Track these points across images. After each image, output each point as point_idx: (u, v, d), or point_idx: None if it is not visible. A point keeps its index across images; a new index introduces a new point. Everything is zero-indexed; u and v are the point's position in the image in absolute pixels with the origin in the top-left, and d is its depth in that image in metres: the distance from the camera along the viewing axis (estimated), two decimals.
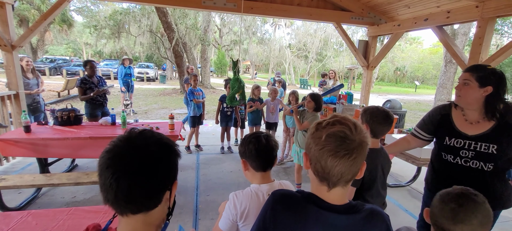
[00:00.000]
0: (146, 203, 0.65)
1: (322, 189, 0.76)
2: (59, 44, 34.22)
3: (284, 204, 0.77)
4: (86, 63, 3.95)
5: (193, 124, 4.70)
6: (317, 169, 0.74)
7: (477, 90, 1.46)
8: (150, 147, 0.64)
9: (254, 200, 1.17)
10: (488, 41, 3.23)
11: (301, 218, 0.74)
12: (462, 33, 10.54)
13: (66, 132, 3.02)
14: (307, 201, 0.76)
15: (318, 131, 0.74)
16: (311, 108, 3.19)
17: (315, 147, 0.72)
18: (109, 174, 0.60)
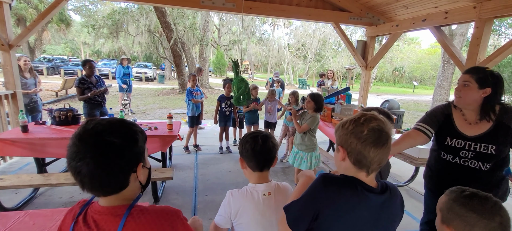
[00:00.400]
0: (111, 189, 0.74)
1: (360, 175, 0.88)
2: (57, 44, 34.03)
3: (338, 186, 0.86)
4: (85, 62, 3.93)
5: (192, 124, 4.70)
6: (359, 159, 0.85)
7: (477, 92, 1.50)
8: (102, 137, 0.69)
9: (249, 199, 1.18)
10: (485, 42, 3.25)
11: (352, 198, 0.85)
12: (460, 33, 10.58)
13: (63, 131, 3.01)
14: (355, 183, 0.86)
15: (358, 126, 0.85)
16: (311, 108, 3.11)
17: (356, 141, 0.84)
18: (71, 169, 0.69)
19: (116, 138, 0.70)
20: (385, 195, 0.89)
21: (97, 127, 0.70)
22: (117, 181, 0.73)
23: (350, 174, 0.89)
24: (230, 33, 25.95)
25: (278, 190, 1.24)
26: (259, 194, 1.18)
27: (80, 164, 0.67)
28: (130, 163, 0.74)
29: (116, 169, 0.71)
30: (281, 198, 1.22)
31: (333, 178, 0.89)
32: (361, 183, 0.87)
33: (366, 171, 0.87)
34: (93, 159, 0.67)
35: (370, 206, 0.86)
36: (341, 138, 0.90)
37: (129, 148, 0.73)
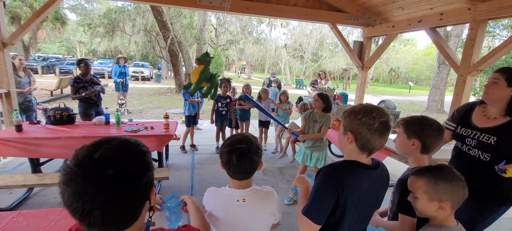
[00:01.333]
0: (127, 225, 0.62)
1: (361, 157, 1.08)
2: (52, 42, 33.75)
3: (347, 171, 1.06)
4: (80, 61, 3.90)
5: (188, 123, 4.69)
6: (364, 144, 1.04)
7: (505, 89, 1.61)
8: (114, 170, 0.56)
9: (222, 202, 1.16)
10: (480, 43, 3.29)
11: (357, 176, 1.07)
12: (455, 35, 10.70)
13: (58, 131, 2.98)
14: (357, 166, 1.07)
15: (370, 119, 1.02)
16: (319, 107, 3.06)
17: (367, 131, 1.02)
18: (74, 211, 0.54)
19: (131, 167, 0.59)
20: (378, 170, 1.13)
21: (106, 156, 0.57)
22: (134, 214, 0.62)
23: (353, 156, 1.09)
24: (227, 33, 25.91)
25: (257, 196, 1.17)
26: (233, 199, 1.14)
27: (88, 205, 0.53)
28: (147, 191, 0.63)
29: (134, 203, 0.60)
30: (260, 206, 1.16)
31: (342, 166, 1.07)
32: (360, 164, 1.08)
33: (367, 154, 1.07)
34: (107, 198, 0.54)
35: (370, 179, 1.09)
36: (352, 125, 1.05)
37: (145, 174, 0.62)
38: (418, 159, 1.34)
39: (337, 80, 28.88)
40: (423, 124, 1.31)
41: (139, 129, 3.22)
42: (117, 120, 3.29)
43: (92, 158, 0.56)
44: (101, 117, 3.48)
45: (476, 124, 1.74)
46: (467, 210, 1.80)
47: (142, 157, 0.64)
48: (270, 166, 4.32)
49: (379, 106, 1.07)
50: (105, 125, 3.39)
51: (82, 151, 0.58)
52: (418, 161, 1.34)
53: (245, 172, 1.13)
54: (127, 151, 0.61)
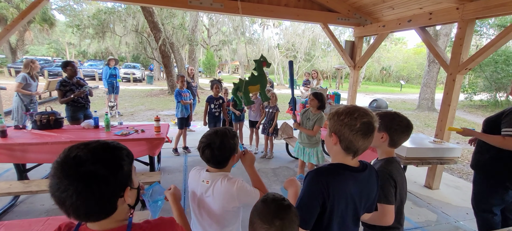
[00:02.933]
0: (98, 216, 0.72)
1: (347, 158, 1.08)
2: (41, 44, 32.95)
3: (332, 175, 1.05)
4: (66, 64, 3.80)
5: (181, 126, 4.63)
6: (348, 146, 1.03)
7: None
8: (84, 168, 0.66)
9: (195, 178, 1.35)
10: (468, 42, 3.34)
11: (343, 179, 1.05)
12: (444, 34, 10.87)
13: (45, 136, 2.89)
14: (342, 169, 1.07)
15: (352, 119, 1.01)
16: (315, 106, 3.20)
17: (349, 132, 1.01)
18: (55, 199, 0.67)
19: (100, 168, 0.68)
20: (365, 172, 1.11)
21: (79, 156, 0.67)
22: (103, 209, 0.71)
23: (339, 158, 1.09)
24: (220, 33, 25.79)
25: (220, 182, 1.27)
26: (200, 179, 1.32)
27: (63, 195, 0.65)
28: (116, 190, 0.72)
29: (101, 199, 0.69)
30: (220, 190, 1.26)
31: (328, 170, 1.07)
32: (346, 166, 1.07)
33: (352, 155, 1.07)
34: (76, 191, 0.65)
35: (357, 181, 1.08)
36: (335, 126, 1.05)
37: (114, 175, 0.70)
38: (387, 151, 1.42)
39: (330, 80, 29.08)
40: (393, 119, 1.39)
41: (129, 133, 3.15)
42: (106, 123, 3.21)
43: (69, 157, 0.67)
44: (90, 120, 3.40)
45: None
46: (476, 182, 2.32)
47: (115, 160, 0.72)
48: (264, 167, 4.30)
49: (363, 107, 1.07)
50: (94, 129, 3.31)
51: (65, 150, 0.70)
52: (387, 153, 1.42)
53: (211, 162, 1.28)
54: (100, 153, 0.70)
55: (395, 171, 1.37)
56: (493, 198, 2.13)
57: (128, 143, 3.02)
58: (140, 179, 2.75)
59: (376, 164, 1.45)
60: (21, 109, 4.48)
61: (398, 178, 1.36)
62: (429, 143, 2.95)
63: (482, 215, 2.24)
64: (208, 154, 1.25)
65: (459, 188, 3.90)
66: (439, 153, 2.75)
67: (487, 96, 14.13)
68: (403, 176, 1.42)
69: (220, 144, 1.24)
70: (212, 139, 1.25)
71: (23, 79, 4.44)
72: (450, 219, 3.05)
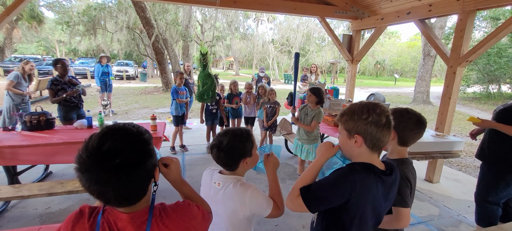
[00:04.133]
0: (135, 199, 0.75)
1: (374, 157, 1.03)
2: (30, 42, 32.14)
3: (363, 175, 0.99)
4: (57, 62, 3.64)
5: (176, 123, 4.52)
6: (375, 143, 0.99)
7: None
8: (123, 160, 0.67)
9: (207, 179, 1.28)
10: (469, 34, 3.30)
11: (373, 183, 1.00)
12: (438, 26, 10.90)
13: (36, 137, 2.76)
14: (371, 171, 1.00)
15: (377, 116, 0.97)
16: (313, 102, 3.16)
17: (377, 129, 0.97)
18: (93, 192, 0.68)
19: (136, 156, 0.70)
20: (393, 176, 1.06)
21: (113, 148, 0.67)
22: (142, 192, 0.75)
23: (364, 158, 1.02)
24: (214, 29, 25.48)
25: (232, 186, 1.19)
26: (212, 180, 1.25)
27: (105, 189, 0.68)
28: (151, 172, 0.76)
29: (141, 184, 0.73)
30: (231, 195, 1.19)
31: (357, 168, 1.00)
32: (376, 168, 1.01)
33: (378, 152, 1.03)
34: (119, 183, 0.67)
35: (384, 186, 1.03)
36: (358, 127, 0.99)
37: (148, 159, 0.73)
38: (399, 151, 1.33)
39: (325, 74, 29.10)
40: (401, 115, 1.30)
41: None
42: (100, 123, 3.10)
43: (101, 150, 0.67)
44: (83, 120, 3.27)
45: None
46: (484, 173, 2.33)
47: (144, 146, 0.74)
48: None
49: (377, 102, 1.03)
50: (88, 129, 3.18)
51: (91, 143, 0.68)
52: (399, 153, 1.34)
53: (221, 164, 1.21)
54: (130, 142, 0.71)
55: (410, 173, 1.30)
56: (505, 190, 2.11)
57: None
58: None
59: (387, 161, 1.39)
60: (12, 109, 4.32)
61: (412, 181, 1.31)
62: (432, 137, 2.92)
63: (487, 206, 2.21)
64: (215, 154, 1.19)
65: (459, 181, 3.90)
66: (442, 147, 2.72)
67: (480, 88, 14.30)
68: (415, 176, 1.36)
69: (227, 145, 1.16)
70: (221, 139, 1.18)
71: (16, 77, 4.31)
72: (452, 213, 3.03)
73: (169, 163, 0.94)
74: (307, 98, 3.20)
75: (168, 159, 0.95)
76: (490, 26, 15.66)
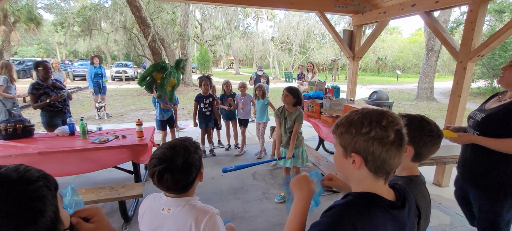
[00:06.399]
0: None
1: (379, 183, 0.77)
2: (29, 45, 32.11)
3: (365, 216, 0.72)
4: (38, 64, 3.42)
5: (162, 127, 4.26)
6: (379, 166, 0.74)
7: None
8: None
9: (151, 206, 1.05)
10: (480, 26, 3.04)
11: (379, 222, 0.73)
12: (442, 21, 10.57)
13: (10, 147, 2.55)
14: (376, 205, 0.74)
15: (382, 131, 0.72)
16: (289, 103, 2.81)
17: (381, 148, 0.72)
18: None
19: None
20: (406, 208, 0.81)
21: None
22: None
23: (366, 184, 0.77)
24: (213, 28, 25.27)
25: (186, 210, 0.98)
26: (159, 207, 1.02)
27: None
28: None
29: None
30: (186, 222, 0.97)
31: (355, 205, 0.74)
32: (381, 200, 0.76)
33: (385, 178, 0.77)
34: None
35: (396, 224, 0.77)
36: (358, 143, 0.74)
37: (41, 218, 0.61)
38: (409, 168, 1.10)
39: (326, 72, 28.79)
40: (422, 128, 1.06)
41: (108, 139, 2.81)
42: (82, 130, 2.87)
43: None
44: (65, 127, 3.05)
45: (484, 107, 1.73)
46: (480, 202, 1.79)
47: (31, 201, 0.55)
48: (261, 169, 4.00)
49: (385, 109, 0.77)
50: (69, 136, 2.96)
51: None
52: (409, 169, 1.10)
53: (171, 189, 0.99)
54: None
55: (420, 195, 1.05)
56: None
57: (107, 151, 2.69)
58: (120, 192, 2.44)
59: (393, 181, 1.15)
60: (4, 114, 4.14)
61: (422, 205, 1.05)
62: None
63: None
64: (169, 180, 0.94)
65: None
66: (454, 151, 2.47)
67: (484, 83, 13.97)
68: (428, 200, 1.11)
69: (184, 163, 0.95)
70: (171, 159, 0.95)
71: (5, 81, 4.11)
72: (464, 221, 2.77)
73: (91, 216, 0.69)
74: (283, 99, 2.86)
75: (89, 210, 0.70)
76: (495, 19, 15.30)
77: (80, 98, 10.73)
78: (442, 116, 8.39)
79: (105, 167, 2.79)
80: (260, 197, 3.18)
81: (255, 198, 3.16)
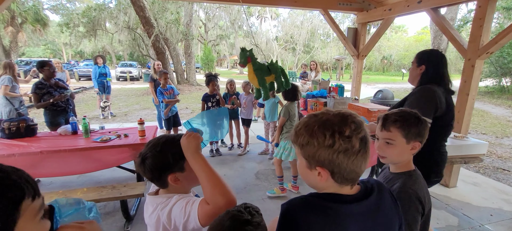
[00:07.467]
0: None
1: (344, 189, 0.73)
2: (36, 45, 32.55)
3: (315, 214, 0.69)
4: (43, 64, 3.44)
5: (168, 126, 4.26)
6: (346, 176, 0.69)
7: (415, 69, 1.85)
8: None
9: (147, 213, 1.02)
10: (489, 23, 2.96)
11: (335, 220, 0.69)
12: (449, 18, 10.41)
13: (13, 146, 2.55)
14: (332, 201, 0.70)
15: (346, 142, 0.66)
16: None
17: (347, 160, 0.67)
18: None
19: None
20: (370, 199, 0.73)
21: None
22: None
23: (330, 190, 0.72)
24: (217, 27, 25.28)
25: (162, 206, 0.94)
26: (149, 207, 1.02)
27: None
28: None
29: None
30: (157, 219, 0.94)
31: (300, 206, 0.71)
32: (338, 197, 0.71)
33: (351, 185, 0.73)
34: None
35: (359, 219, 0.70)
36: (322, 156, 0.67)
37: None
38: (407, 162, 1.12)
39: (330, 71, 28.61)
40: (419, 119, 1.07)
41: (110, 138, 2.80)
42: (84, 129, 2.87)
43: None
44: (67, 126, 3.05)
45: None
46: None
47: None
48: (264, 169, 3.96)
49: (346, 113, 0.70)
50: (72, 135, 2.96)
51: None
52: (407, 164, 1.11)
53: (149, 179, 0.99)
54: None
55: (421, 189, 1.04)
56: None
57: (109, 150, 2.68)
58: (121, 191, 2.42)
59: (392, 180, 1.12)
60: (13, 113, 4.18)
61: (426, 199, 1.04)
62: (449, 139, 2.60)
63: None
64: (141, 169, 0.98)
65: (477, 185, 3.56)
66: (462, 151, 2.40)
67: (492, 82, 13.71)
68: (427, 192, 1.11)
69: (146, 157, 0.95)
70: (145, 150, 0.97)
71: (10, 81, 4.14)
72: (473, 223, 2.71)
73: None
74: None
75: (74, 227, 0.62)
76: (503, 17, 15.00)
77: (85, 98, 10.82)
78: None
79: (107, 166, 2.79)
80: (263, 197, 3.15)
81: (258, 198, 3.13)
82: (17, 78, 4.41)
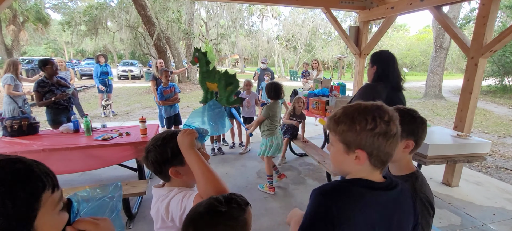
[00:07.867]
0: None
1: (375, 174, 0.79)
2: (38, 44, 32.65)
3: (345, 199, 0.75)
4: (46, 62, 3.44)
5: (169, 125, 4.27)
6: (381, 159, 0.76)
7: (371, 69, 2.08)
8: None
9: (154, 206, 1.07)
10: (493, 20, 2.94)
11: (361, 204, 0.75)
12: (451, 17, 10.34)
13: (15, 144, 2.56)
14: (362, 187, 0.76)
15: (386, 124, 0.73)
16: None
17: (385, 142, 0.73)
18: None
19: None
20: (394, 192, 0.79)
21: None
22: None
23: (362, 175, 0.78)
24: (218, 26, 25.25)
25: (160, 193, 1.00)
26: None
27: None
28: None
29: None
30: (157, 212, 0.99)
31: (330, 189, 0.77)
32: (368, 183, 0.77)
33: (381, 168, 0.79)
34: None
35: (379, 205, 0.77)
36: (363, 139, 0.74)
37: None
38: (408, 163, 1.08)
39: (331, 70, 28.55)
40: (414, 117, 1.06)
41: (112, 136, 2.81)
42: (86, 127, 2.87)
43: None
44: (69, 124, 3.06)
45: None
46: None
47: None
48: None
49: (379, 103, 0.77)
50: (74, 134, 2.97)
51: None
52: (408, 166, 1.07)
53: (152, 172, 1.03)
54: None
55: (429, 191, 1.03)
56: None
57: (111, 149, 2.69)
58: (123, 189, 2.42)
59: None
60: (17, 111, 4.19)
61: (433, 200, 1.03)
62: (452, 138, 2.59)
63: None
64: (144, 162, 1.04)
65: (480, 184, 3.54)
66: (465, 149, 2.38)
67: (495, 81, 13.64)
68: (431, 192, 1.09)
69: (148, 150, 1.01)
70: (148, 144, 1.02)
71: (12, 80, 4.14)
72: (476, 222, 2.70)
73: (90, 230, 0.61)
74: None
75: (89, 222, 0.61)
76: (506, 15, 14.89)
77: (86, 96, 10.85)
78: (451, 114, 8.21)
79: (109, 164, 2.79)
80: (264, 196, 3.14)
81: (260, 197, 3.13)
82: (20, 76, 4.42)
